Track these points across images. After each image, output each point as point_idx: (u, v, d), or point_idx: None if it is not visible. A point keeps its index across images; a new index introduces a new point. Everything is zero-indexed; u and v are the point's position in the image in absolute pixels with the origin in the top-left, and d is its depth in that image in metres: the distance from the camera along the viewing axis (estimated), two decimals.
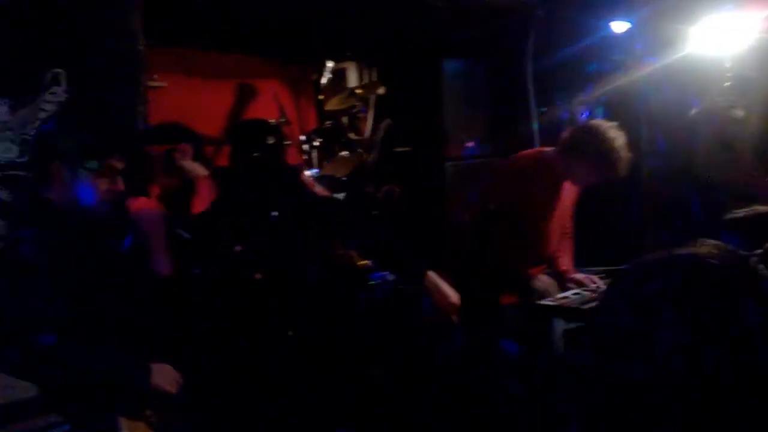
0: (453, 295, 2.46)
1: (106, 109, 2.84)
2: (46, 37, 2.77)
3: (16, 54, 2.69)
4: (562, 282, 3.30)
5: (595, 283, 3.21)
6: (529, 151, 3.54)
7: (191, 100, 4.59)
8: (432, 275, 2.45)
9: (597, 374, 0.90)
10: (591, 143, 3.03)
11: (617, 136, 3.03)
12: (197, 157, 2.17)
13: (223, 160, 4.60)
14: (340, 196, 4.00)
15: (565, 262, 3.41)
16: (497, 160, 4.55)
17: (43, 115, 2.73)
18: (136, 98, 2.96)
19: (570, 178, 3.21)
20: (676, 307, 0.91)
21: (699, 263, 0.93)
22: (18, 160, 2.67)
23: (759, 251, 1.41)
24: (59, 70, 2.79)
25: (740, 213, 2.79)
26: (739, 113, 3.67)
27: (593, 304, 2.78)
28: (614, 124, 3.11)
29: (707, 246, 0.93)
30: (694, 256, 0.95)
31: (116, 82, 2.91)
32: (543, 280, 3.26)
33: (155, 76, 4.18)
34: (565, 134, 3.19)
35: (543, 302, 3.09)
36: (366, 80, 5.25)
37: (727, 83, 3.64)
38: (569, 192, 3.36)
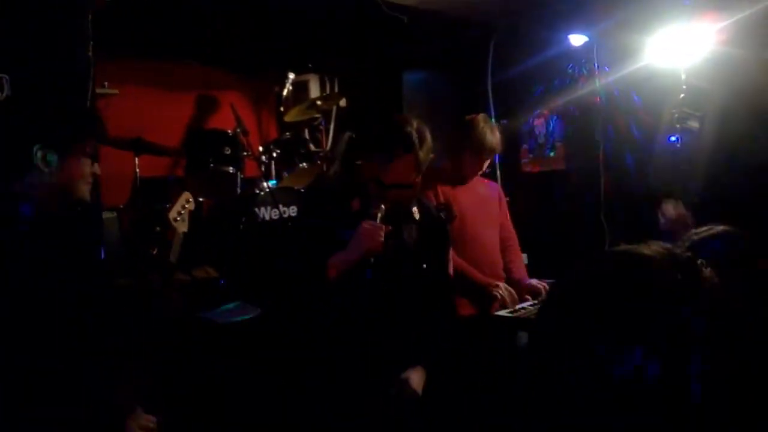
0: None
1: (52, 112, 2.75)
2: None
3: None
4: (521, 292, 3.29)
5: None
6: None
7: (150, 111, 4.51)
8: None
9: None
10: (467, 133, 3.35)
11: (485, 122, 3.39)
12: None
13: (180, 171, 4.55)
14: (293, 209, 3.93)
15: (517, 270, 3.43)
16: None
17: None
18: (85, 103, 2.88)
19: (462, 171, 3.41)
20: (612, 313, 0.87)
21: (638, 261, 0.89)
22: None
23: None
24: (3, 75, 2.70)
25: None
26: (694, 125, 3.71)
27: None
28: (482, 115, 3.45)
29: (653, 246, 0.89)
30: (635, 254, 0.91)
31: (63, 86, 2.83)
32: (503, 289, 3.23)
33: (105, 83, 4.11)
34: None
35: (499, 313, 3.08)
36: (327, 92, 5.22)
37: (682, 95, 3.68)
38: (488, 205, 3.43)
